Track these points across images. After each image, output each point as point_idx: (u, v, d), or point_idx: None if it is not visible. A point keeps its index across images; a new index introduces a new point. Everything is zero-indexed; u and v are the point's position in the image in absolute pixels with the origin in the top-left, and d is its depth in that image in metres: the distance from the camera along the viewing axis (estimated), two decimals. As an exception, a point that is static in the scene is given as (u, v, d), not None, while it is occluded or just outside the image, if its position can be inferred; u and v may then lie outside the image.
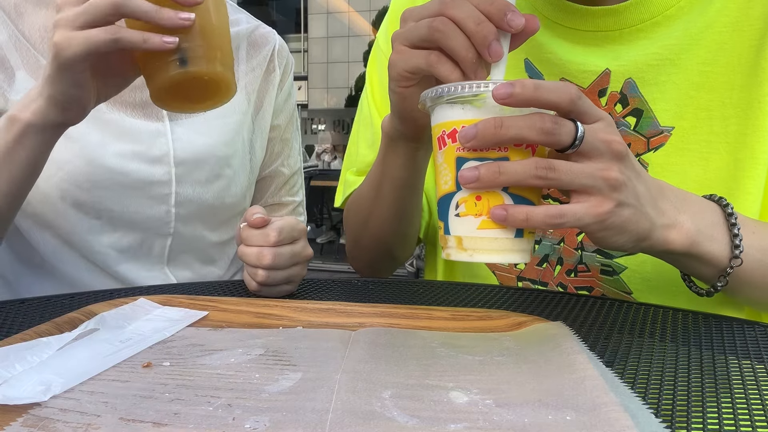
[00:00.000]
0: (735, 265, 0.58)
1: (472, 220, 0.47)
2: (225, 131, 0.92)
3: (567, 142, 0.47)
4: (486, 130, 0.45)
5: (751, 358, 0.50)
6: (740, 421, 0.38)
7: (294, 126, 1.07)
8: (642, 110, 0.74)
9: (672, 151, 0.73)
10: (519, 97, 0.45)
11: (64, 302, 0.64)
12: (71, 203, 0.82)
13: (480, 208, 0.47)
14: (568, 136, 0.47)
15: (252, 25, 1.01)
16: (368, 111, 0.93)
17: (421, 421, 0.35)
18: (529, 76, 0.79)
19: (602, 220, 0.48)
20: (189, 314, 0.57)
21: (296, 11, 11.53)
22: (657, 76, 0.72)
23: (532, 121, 0.45)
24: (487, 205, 0.47)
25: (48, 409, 0.36)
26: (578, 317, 0.61)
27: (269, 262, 0.65)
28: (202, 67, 0.60)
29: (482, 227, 0.47)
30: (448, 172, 0.48)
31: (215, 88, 0.63)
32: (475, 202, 0.47)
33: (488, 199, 0.47)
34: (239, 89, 0.95)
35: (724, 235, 0.58)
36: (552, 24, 0.77)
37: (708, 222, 0.58)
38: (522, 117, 0.46)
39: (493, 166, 0.46)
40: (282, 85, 1.03)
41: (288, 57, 1.05)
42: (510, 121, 0.45)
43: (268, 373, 0.42)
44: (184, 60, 0.59)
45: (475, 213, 0.47)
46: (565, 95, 0.47)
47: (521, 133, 0.45)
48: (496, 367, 0.44)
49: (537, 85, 0.45)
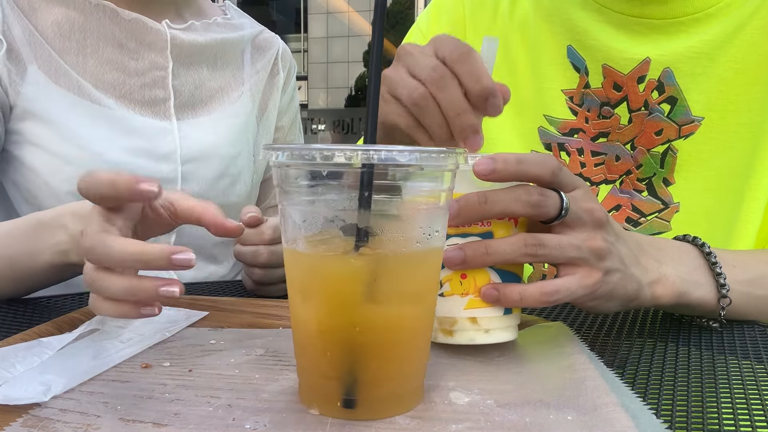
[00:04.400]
0: (725, 305, 0.57)
1: (458, 300, 0.45)
2: (231, 131, 0.93)
3: (553, 215, 0.46)
4: (470, 207, 0.44)
5: (751, 358, 0.50)
6: (740, 421, 0.38)
7: (297, 128, 1.09)
8: (677, 98, 0.76)
9: (700, 140, 0.76)
10: (502, 173, 0.44)
11: (64, 302, 0.64)
12: (78, 198, 0.82)
13: (466, 287, 0.45)
14: (554, 208, 0.46)
15: (256, 30, 1.02)
16: None
17: (422, 421, 0.35)
18: (571, 62, 0.81)
19: (593, 291, 0.48)
20: (190, 314, 0.57)
21: (296, 11, 11.54)
22: (693, 68, 0.75)
23: (518, 194, 0.44)
24: (474, 283, 0.45)
25: (48, 409, 0.36)
26: (578, 318, 0.61)
27: (265, 260, 0.65)
28: None
29: (469, 307, 0.45)
30: None
31: None
32: (461, 281, 0.45)
33: (474, 277, 0.45)
34: (244, 91, 0.97)
35: (708, 278, 0.57)
36: (600, 8, 0.79)
37: (689, 267, 0.57)
38: (506, 191, 0.44)
39: (479, 246, 0.44)
40: (285, 87, 1.05)
41: (291, 60, 1.07)
42: (495, 196, 0.44)
43: (268, 373, 0.42)
44: None
45: (461, 292, 0.45)
46: (547, 168, 0.46)
47: (508, 208, 0.44)
48: (497, 368, 0.44)
49: (519, 159, 0.44)
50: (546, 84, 0.83)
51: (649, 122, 0.77)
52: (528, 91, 0.84)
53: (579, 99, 0.81)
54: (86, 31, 0.83)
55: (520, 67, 0.85)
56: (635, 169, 0.78)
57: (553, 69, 0.82)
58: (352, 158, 0.34)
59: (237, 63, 0.98)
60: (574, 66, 0.81)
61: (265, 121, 1.01)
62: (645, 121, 0.77)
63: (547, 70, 0.83)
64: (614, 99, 0.79)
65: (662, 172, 0.77)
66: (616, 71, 0.78)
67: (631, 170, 0.78)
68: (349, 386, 0.36)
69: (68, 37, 0.83)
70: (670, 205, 0.77)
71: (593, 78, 0.80)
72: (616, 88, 0.78)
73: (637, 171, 0.78)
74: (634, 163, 0.78)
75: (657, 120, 0.76)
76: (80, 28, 0.83)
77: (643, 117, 0.77)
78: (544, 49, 0.83)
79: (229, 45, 0.95)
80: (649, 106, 0.77)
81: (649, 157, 0.77)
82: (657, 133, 0.77)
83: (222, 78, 0.95)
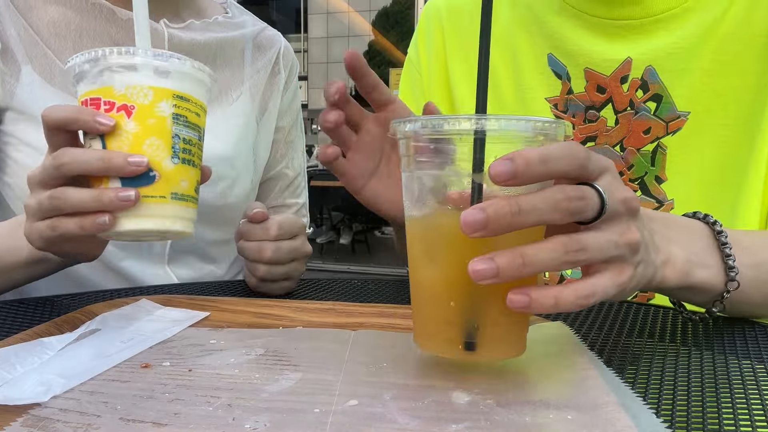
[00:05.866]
0: (732, 289, 0.54)
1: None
2: (229, 133, 0.92)
3: (592, 217, 0.41)
4: (500, 218, 0.37)
5: (751, 358, 0.50)
6: (740, 421, 0.38)
7: (298, 128, 1.08)
8: (662, 95, 0.76)
9: (688, 134, 0.75)
10: (524, 176, 0.37)
11: (64, 302, 0.64)
12: None
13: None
14: (593, 211, 0.40)
15: (258, 28, 1.01)
16: None
17: (422, 421, 0.35)
18: (553, 70, 0.81)
19: (625, 288, 0.44)
20: (190, 315, 0.57)
21: (296, 11, 11.53)
22: (675, 64, 0.76)
23: (555, 201, 0.38)
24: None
25: (48, 409, 0.36)
26: (578, 317, 0.61)
27: (269, 257, 0.65)
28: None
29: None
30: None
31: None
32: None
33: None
34: (244, 91, 0.96)
35: (716, 259, 0.54)
36: (577, 13, 0.79)
37: (698, 248, 0.54)
38: (541, 196, 0.38)
39: (515, 257, 0.38)
40: (287, 87, 1.03)
41: (293, 59, 1.06)
42: (528, 204, 0.38)
43: (268, 373, 0.42)
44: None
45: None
46: (575, 162, 0.40)
47: (544, 218, 0.38)
48: (497, 368, 0.44)
49: (543, 158, 0.38)
50: (529, 94, 0.83)
51: (636, 122, 0.77)
52: (512, 103, 0.84)
53: (563, 106, 0.81)
54: (82, 30, 0.83)
55: (502, 80, 0.85)
56: (626, 170, 0.78)
57: (535, 78, 0.82)
58: (476, 125, 0.39)
59: (237, 62, 0.97)
60: (555, 73, 0.81)
61: (266, 122, 1.00)
62: (632, 121, 0.77)
63: (529, 80, 0.83)
64: (599, 102, 0.79)
65: (654, 170, 0.77)
66: (599, 74, 0.78)
67: (622, 171, 0.78)
68: (470, 331, 0.40)
69: (64, 36, 0.82)
70: (664, 203, 0.77)
71: (576, 83, 0.80)
72: (600, 90, 0.78)
73: (629, 171, 0.78)
74: (624, 164, 0.78)
75: (644, 119, 0.77)
76: (76, 27, 0.83)
77: (630, 117, 0.77)
78: (525, 60, 0.83)
79: (228, 44, 0.94)
80: (635, 105, 0.77)
81: (639, 156, 0.77)
82: (645, 131, 0.77)
83: (221, 77, 0.94)
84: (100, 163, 0.49)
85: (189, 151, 0.53)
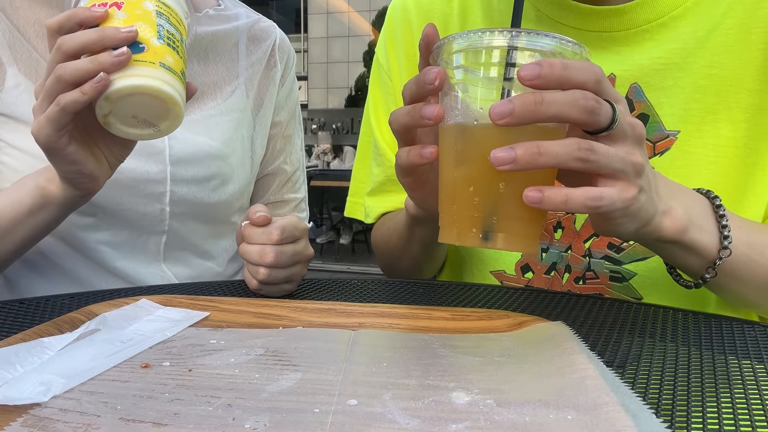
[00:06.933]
0: (724, 256, 0.56)
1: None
2: (223, 129, 0.91)
3: (605, 124, 0.45)
4: (525, 106, 0.41)
5: (751, 358, 0.50)
6: (740, 421, 0.38)
7: (296, 122, 1.05)
8: (648, 115, 0.72)
9: (678, 155, 0.71)
10: (547, 78, 0.42)
11: (64, 302, 0.64)
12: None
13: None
14: (606, 117, 0.44)
15: (252, 20, 0.99)
16: (370, 129, 0.93)
17: (422, 421, 0.35)
18: None
19: (628, 206, 0.47)
20: (190, 315, 0.57)
21: (296, 11, 11.53)
22: (663, 81, 0.71)
23: (575, 98, 0.43)
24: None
25: (48, 409, 0.36)
26: (578, 317, 0.61)
27: (271, 260, 0.65)
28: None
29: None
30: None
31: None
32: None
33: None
34: (239, 85, 0.95)
35: (713, 226, 0.57)
36: (555, 24, 0.75)
37: (697, 211, 0.57)
38: (564, 93, 0.43)
39: (531, 146, 0.42)
40: (283, 80, 1.01)
41: (289, 51, 1.03)
42: (551, 97, 0.42)
43: (268, 373, 0.42)
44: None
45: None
46: (592, 75, 0.44)
47: (562, 111, 0.42)
48: (497, 367, 0.44)
49: (565, 64, 0.43)
50: None
51: None
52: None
53: None
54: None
55: None
56: None
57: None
58: (509, 39, 0.44)
59: (231, 55, 0.95)
60: None
61: (262, 117, 0.98)
62: None
63: None
64: None
65: None
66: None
67: None
68: (489, 224, 0.46)
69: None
70: None
71: None
72: None
73: None
74: None
75: None
76: None
77: None
78: None
79: (221, 37, 0.92)
80: None
81: None
82: None
83: (214, 72, 0.92)
84: (96, 34, 0.56)
85: (173, 41, 0.60)
